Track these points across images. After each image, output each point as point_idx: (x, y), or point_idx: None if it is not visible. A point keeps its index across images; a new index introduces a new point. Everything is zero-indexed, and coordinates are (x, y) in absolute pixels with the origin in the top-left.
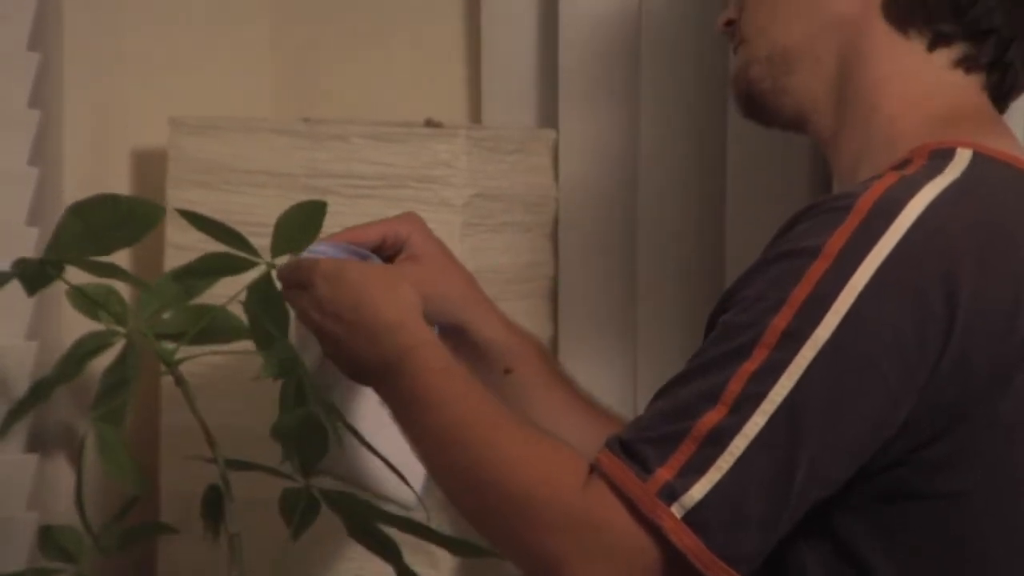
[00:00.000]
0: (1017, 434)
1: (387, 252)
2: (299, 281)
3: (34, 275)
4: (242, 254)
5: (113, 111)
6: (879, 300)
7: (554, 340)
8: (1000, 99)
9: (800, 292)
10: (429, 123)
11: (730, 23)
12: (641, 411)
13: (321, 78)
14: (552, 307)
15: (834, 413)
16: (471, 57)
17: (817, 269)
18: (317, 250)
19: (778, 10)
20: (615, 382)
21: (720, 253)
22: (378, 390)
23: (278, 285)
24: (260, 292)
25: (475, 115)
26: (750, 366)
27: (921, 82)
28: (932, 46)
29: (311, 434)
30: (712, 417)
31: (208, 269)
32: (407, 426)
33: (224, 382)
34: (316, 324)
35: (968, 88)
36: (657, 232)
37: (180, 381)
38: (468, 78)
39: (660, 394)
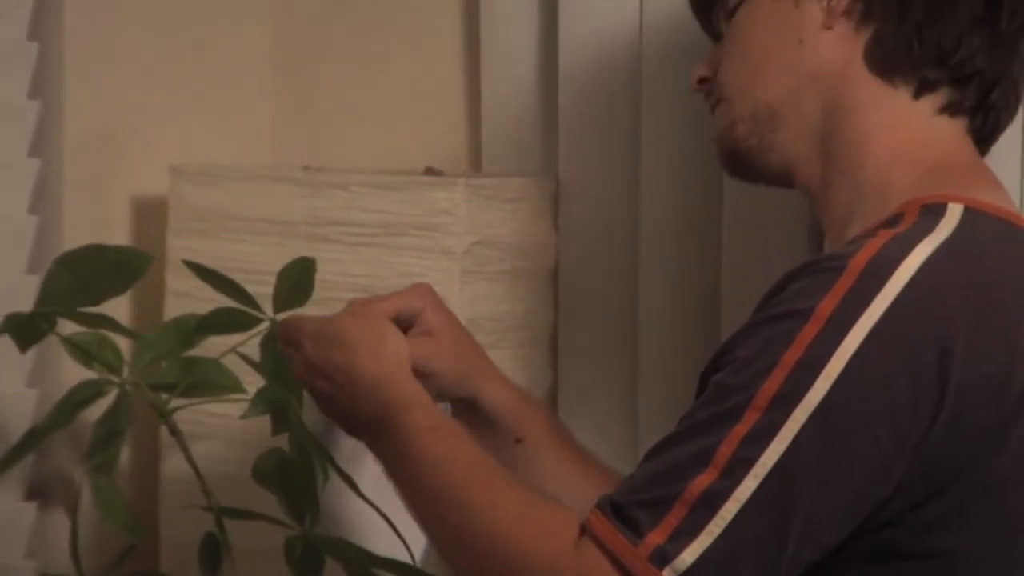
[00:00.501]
0: (1011, 491)
1: (401, 326)
2: (289, 340)
3: (25, 329)
4: (247, 309)
5: (113, 159)
6: (871, 363)
7: (553, 388)
8: (983, 141)
9: (791, 355)
10: (429, 171)
11: (704, 81)
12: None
13: (321, 124)
14: (551, 355)
15: (826, 477)
16: (471, 104)
17: (809, 332)
18: None
19: (758, 67)
20: (616, 431)
21: (719, 302)
22: (371, 447)
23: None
24: (269, 348)
25: (475, 162)
26: (741, 429)
27: (908, 131)
28: (918, 94)
29: (292, 476)
30: (703, 480)
31: (216, 325)
32: (400, 484)
33: (224, 430)
34: (308, 383)
35: (954, 134)
36: (657, 280)
37: (174, 431)
38: (468, 125)
39: (651, 454)
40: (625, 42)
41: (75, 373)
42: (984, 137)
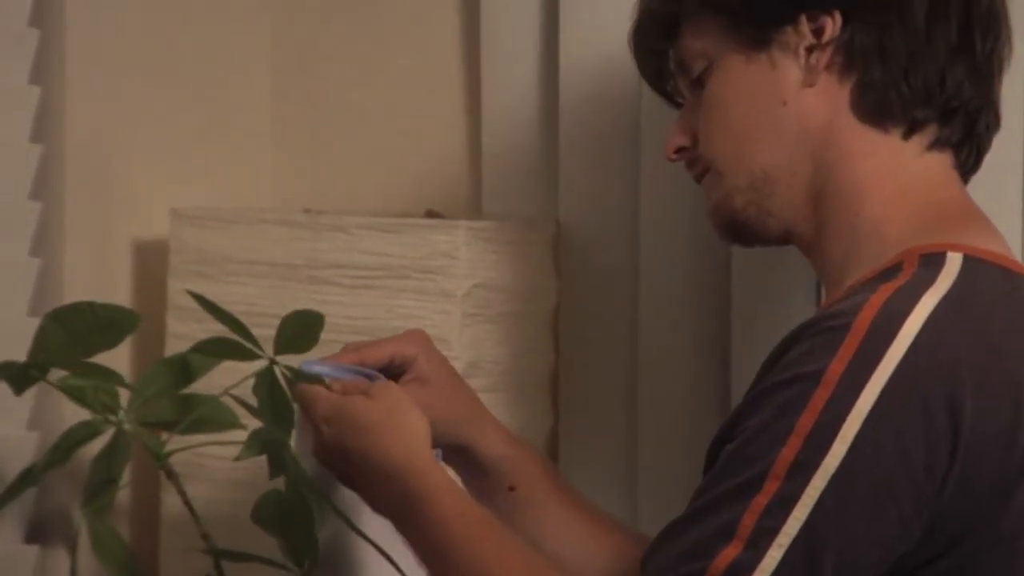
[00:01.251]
0: (1019, 544)
1: (394, 372)
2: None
3: (19, 377)
4: (244, 343)
5: (114, 202)
6: (885, 424)
7: (554, 431)
8: (970, 171)
9: (806, 421)
10: (429, 214)
11: (681, 150)
12: (642, 505)
13: (321, 166)
14: (552, 398)
15: (849, 540)
16: (471, 146)
17: (820, 396)
18: (322, 371)
19: (745, 135)
20: (615, 474)
21: (725, 343)
22: (396, 528)
23: (283, 382)
24: (263, 386)
25: (475, 204)
26: (762, 499)
27: (901, 176)
28: (907, 135)
29: (293, 518)
30: (729, 553)
31: (211, 351)
32: (427, 564)
33: (222, 471)
34: (325, 462)
35: (944, 171)
36: (658, 323)
37: (171, 474)
38: (469, 167)
39: (673, 532)
40: (625, 83)
41: (75, 416)
42: (970, 168)
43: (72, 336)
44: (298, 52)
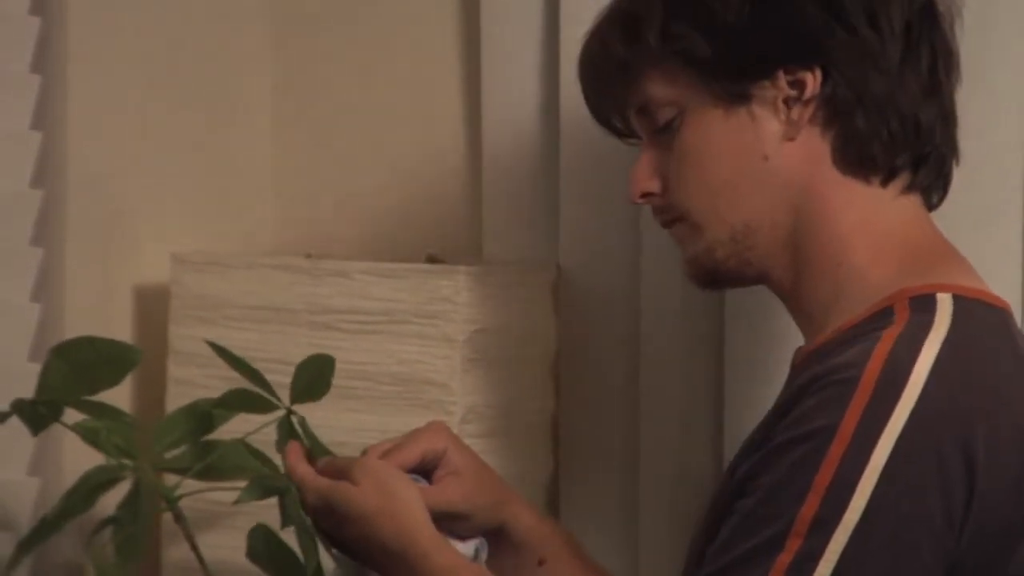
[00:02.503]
0: None
1: (426, 467)
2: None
3: (32, 417)
4: (264, 394)
5: (115, 247)
6: (901, 476)
7: (554, 477)
8: (935, 207)
9: (823, 477)
10: (431, 259)
11: (647, 195)
12: (642, 552)
13: (323, 209)
14: (552, 443)
15: None
16: (472, 190)
17: (835, 452)
18: None
19: (725, 190)
20: (616, 520)
21: (721, 391)
22: None
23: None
24: (283, 436)
25: (476, 248)
26: (785, 558)
27: (880, 221)
28: (886, 182)
29: (284, 557)
30: None
31: (234, 404)
32: None
33: (226, 518)
34: (331, 543)
35: (917, 213)
36: (659, 367)
37: (180, 518)
38: (470, 211)
39: None
40: None
41: (76, 462)
42: (935, 205)
43: (75, 370)
44: (300, 93)
